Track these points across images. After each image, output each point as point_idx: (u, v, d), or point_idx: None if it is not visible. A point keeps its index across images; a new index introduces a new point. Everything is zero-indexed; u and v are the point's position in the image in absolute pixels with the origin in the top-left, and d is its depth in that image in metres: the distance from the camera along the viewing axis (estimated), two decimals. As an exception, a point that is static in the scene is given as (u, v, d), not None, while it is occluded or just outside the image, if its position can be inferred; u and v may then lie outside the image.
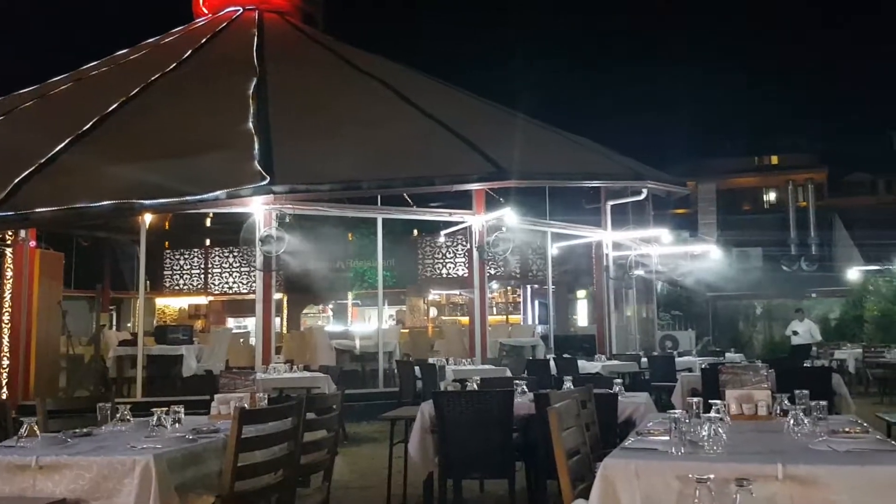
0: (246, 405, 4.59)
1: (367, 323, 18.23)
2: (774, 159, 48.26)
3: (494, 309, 20.70)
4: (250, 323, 16.13)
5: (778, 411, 3.75)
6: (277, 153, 11.88)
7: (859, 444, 3.00)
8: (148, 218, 12.00)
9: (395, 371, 11.73)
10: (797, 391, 3.60)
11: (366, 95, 15.09)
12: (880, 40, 74.77)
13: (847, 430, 3.27)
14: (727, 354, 14.39)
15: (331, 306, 20.42)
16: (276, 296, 14.66)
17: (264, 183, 10.90)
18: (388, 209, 13.20)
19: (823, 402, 3.41)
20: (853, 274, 24.63)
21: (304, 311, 20.52)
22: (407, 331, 16.99)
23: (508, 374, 9.74)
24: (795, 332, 17.66)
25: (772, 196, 45.82)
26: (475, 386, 5.99)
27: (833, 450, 2.92)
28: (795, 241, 32.90)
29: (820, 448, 2.97)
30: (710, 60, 79.98)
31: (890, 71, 72.44)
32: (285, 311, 19.36)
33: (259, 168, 11.23)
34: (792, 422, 3.32)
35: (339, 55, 17.36)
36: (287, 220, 12.09)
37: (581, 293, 22.15)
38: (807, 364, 9.88)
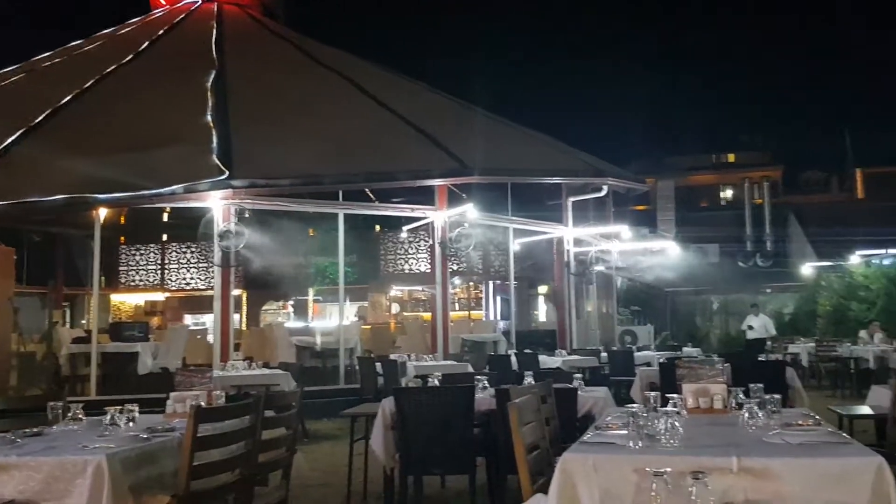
0: (202, 403, 4.52)
1: (329, 319, 18.11)
2: (731, 157, 49.11)
3: (457, 305, 20.71)
4: (208, 320, 15.91)
5: (733, 405, 3.80)
6: (236, 147, 11.75)
7: (812, 436, 3.06)
8: (102, 212, 11.75)
9: (357, 368, 11.68)
10: (752, 385, 3.65)
11: (327, 89, 14.99)
12: (835, 40, 76.60)
13: (800, 422, 3.33)
14: (685, 349, 14.63)
15: (291, 303, 20.23)
16: (235, 292, 14.50)
17: (223, 177, 10.78)
18: (350, 204, 13.12)
19: (777, 396, 3.46)
20: (807, 270, 25.15)
21: (264, 308, 20.29)
22: (369, 327, 16.92)
23: (470, 369, 9.76)
24: (751, 327, 17.99)
25: (728, 193, 46.60)
26: (436, 382, 5.98)
27: (786, 442, 2.97)
28: (751, 238, 33.49)
29: (774, 441, 3.02)
30: (669, 59, 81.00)
31: (844, 70, 74.15)
32: (244, 308, 19.13)
33: (217, 162, 11.09)
34: (747, 415, 3.37)
35: (300, 49, 17.21)
36: (246, 214, 11.95)
37: (542, 289, 22.28)
38: (761, 358, 10.06)
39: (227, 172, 10.83)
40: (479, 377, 6.15)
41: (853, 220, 27.47)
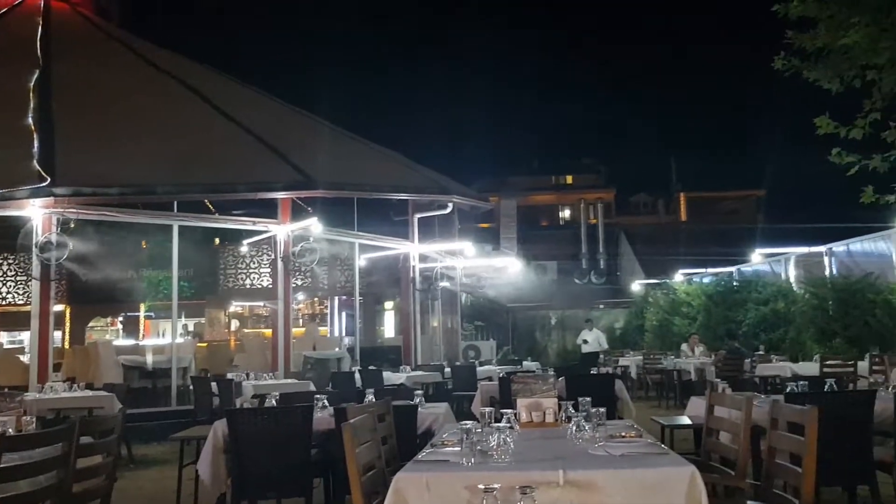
0: (10, 430, 4.13)
1: (161, 337, 17.20)
2: (569, 179, 51.67)
3: (301, 321, 20.33)
4: (26, 337, 14.69)
5: (563, 418, 3.92)
6: (61, 152, 10.98)
7: (632, 447, 3.20)
8: None
9: (191, 388, 11.15)
10: (580, 398, 3.78)
11: (164, 95, 14.30)
12: (663, 72, 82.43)
13: (623, 434, 3.48)
14: (524, 363, 15.10)
15: (120, 319, 19.08)
16: (57, 307, 13.52)
17: (43, 184, 10.03)
18: (186, 216, 12.53)
19: (602, 409, 3.59)
20: (636, 287, 26.73)
21: (90, 325, 19.01)
22: (205, 344, 16.23)
23: (312, 387, 9.56)
24: (585, 341, 18.82)
25: (567, 213, 48.95)
26: (274, 402, 5.79)
27: (609, 454, 3.09)
28: (586, 256, 35.19)
29: (598, 453, 3.13)
30: (509, 82, 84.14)
31: (671, 102, 79.94)
32: (67, 325, 17.82)
33: (38, 168, 10.31)
34: (574, 428, 3.48)
35: (136, 52, 16.33)
36: (71, 225, 11.16)
37: (388, 304, 22.32)
38: (594, 371, 10.52)
39: (49, 179, 10.09)
40: (318, 396, 6.03)
41: (677, 241, 29.54)
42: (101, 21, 18.22)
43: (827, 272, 15.57)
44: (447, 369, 13.17)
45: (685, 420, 6.27)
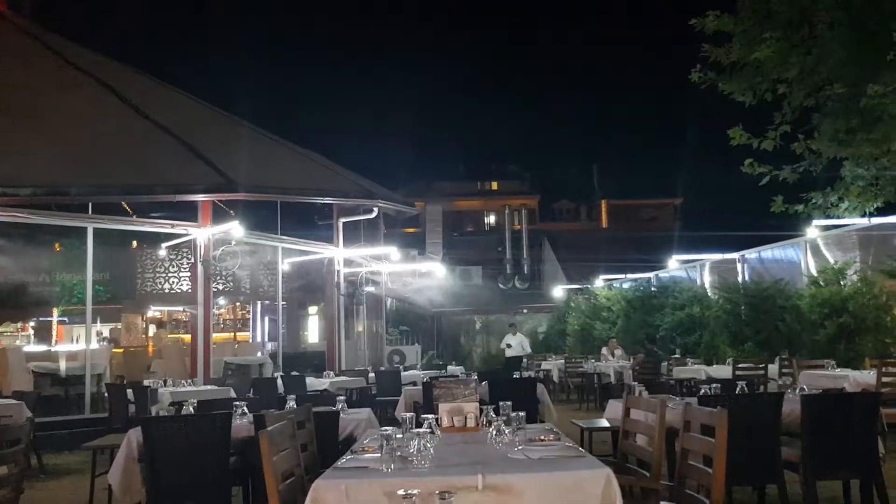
0: None
1: (75, 343, 16.56)
2: (494, 185, 52.23)
3: (222, 326, 19.90)
4: (-73, 344, 13.95)
5: (484, 422, 3.95)
6: (-34, 151, 10.47)
7: (550, 451, 3.25)
8: None
9: (105, 395, 10.78)
10: (501, 402, 3.82)
11: (79, 93, 13.82)
12: (586, 82, 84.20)
13: (542, 438, 3.53)
14: (449, 367, 15.16)
15: (32, 324, 18.28)
16: (-38, 313, 12.85)
17: (-52, 183, 9.55)
18: (101, 218, 12.08)
19: (522, 413, 3.64)
20: (558, 292, 27.16)
21: (0, 330, 18.17)
22: (121, 350, 15.71)
23: (232, 394, 9.38)
24: (509, 345, 19.00)
25: (492, 219, 49.45)
26: (191, 409, 5.65)
27: (528, 458, 3.13)
28: (510, 261, 35.59)
29: (517, 457, 3.17)
30: (439, 90, 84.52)
31: (594, 111, 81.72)
32: (-26, 331, 17.01)
33: (-59, 166, 9.81)
34: (494, 432, 3.52)
35: (49, 47, 15.71)
36: (-22, 226, 10.68)
37: (313, 309, 22.08)
38: (516, 375, 10.64)
39: (-47, 178, 9.61)
40: (238, 403, 5.91)
41: (598, 247, 30.18)
42: (11, 14, 17.46)
43: (740, 278, 16.11)
44: (372, 374, 13.11)
45: (604, 423, 6.41)
